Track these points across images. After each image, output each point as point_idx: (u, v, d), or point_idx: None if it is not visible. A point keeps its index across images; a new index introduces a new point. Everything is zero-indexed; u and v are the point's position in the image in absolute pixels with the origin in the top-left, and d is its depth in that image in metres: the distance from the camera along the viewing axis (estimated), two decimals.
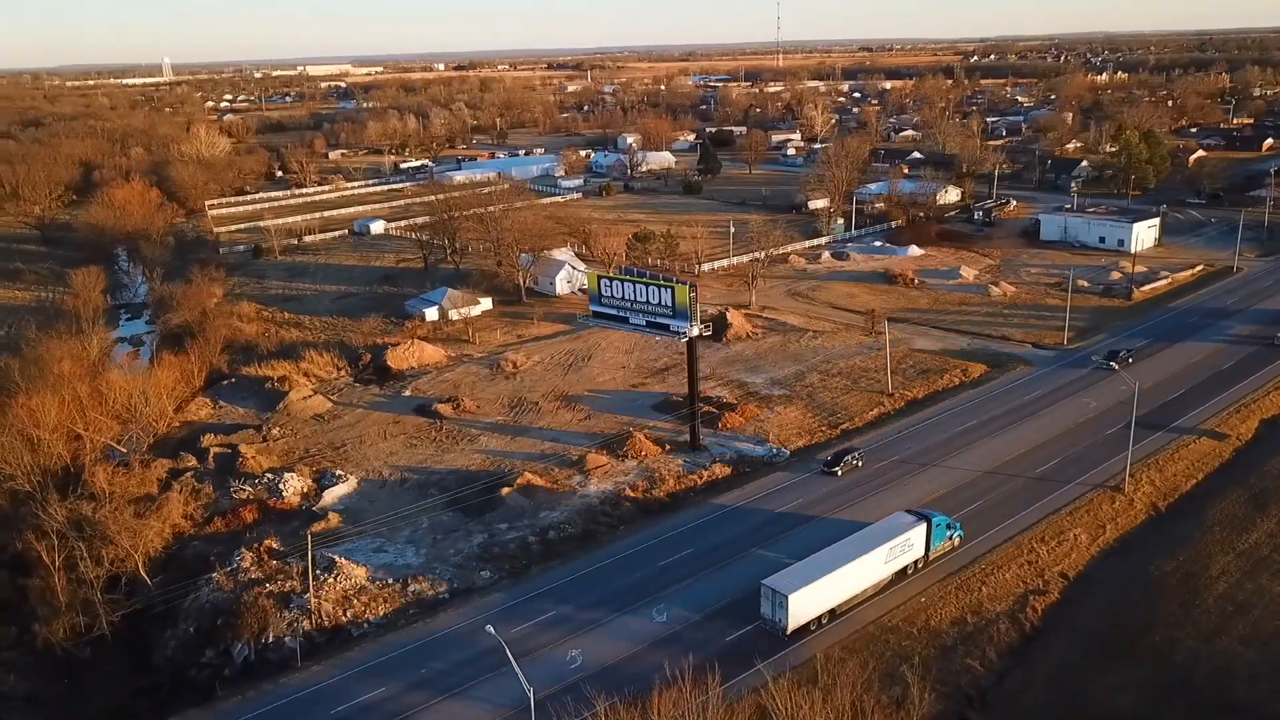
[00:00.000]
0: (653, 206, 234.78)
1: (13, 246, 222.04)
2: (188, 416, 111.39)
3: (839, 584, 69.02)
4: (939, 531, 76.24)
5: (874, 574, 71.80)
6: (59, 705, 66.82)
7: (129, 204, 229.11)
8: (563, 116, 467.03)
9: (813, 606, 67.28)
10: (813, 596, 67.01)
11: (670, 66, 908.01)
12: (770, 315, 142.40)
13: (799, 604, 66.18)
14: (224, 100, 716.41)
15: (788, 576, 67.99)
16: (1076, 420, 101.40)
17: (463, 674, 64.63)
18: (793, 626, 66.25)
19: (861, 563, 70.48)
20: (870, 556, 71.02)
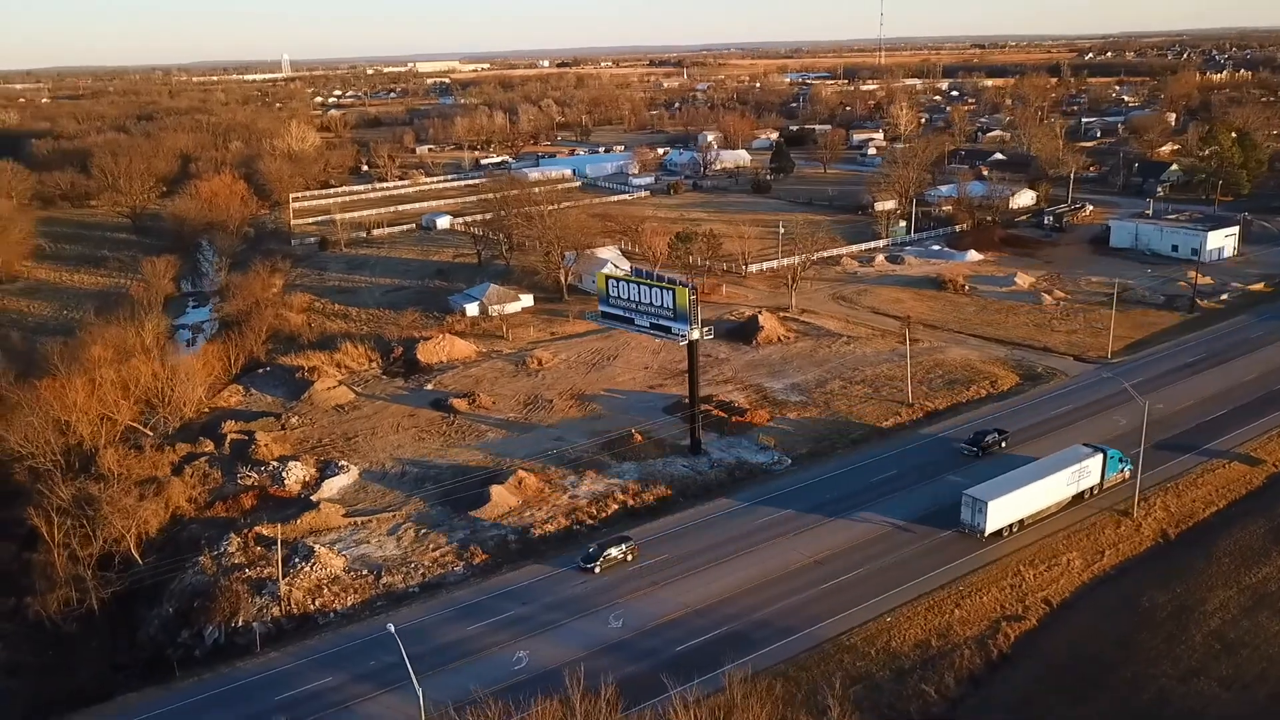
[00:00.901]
0: (717, 205, 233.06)
1: (106, 235, 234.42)
2: (219, 402, 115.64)
3: (1029, 497, 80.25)
4: (1113, 464, 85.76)
5: (1058, 493, 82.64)
6: (40, 675, 70.05)
7: (216, 196, 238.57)
8: (652, 114, 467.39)
9: (1007, 514, 78.89)
10: (1008, 505, 78.65)
11: (769, 64, 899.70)
12: (808, 319, 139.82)
13: (996, 511, 77.77)
14: (332, 96, 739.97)
15: (987, 488, 79.40)
16: (1101, 438, 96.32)
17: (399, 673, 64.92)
18: (990, 530, 77.87)
19: (1048, 481, 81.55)
20: (1055, 477, 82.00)
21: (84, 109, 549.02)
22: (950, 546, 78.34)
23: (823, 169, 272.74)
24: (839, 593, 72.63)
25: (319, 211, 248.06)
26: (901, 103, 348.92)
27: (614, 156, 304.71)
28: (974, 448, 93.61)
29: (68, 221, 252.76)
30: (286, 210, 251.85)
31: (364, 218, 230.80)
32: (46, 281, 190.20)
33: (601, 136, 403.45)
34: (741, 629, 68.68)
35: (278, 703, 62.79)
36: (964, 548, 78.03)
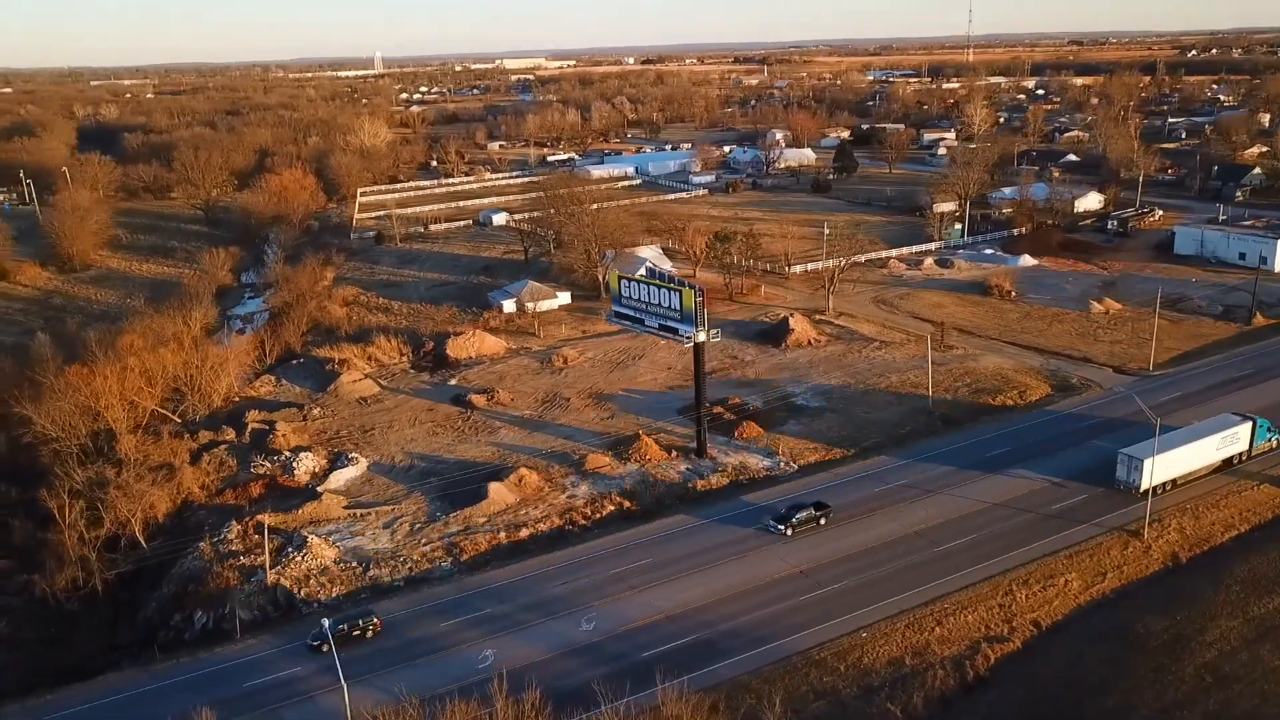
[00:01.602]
0: (773, 205, 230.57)
1: (180, 226, 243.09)
2: (250, 392, 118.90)
3: (1182, 458, 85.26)
4: (1261, 432, 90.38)
5: (1208, 456, 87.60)
6: (39, 650, 72.97)
7: (285, 189, 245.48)
8: (726, 111, 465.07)
9: (1161, 472, 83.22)
10: (1161, 464, 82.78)
11: (854, 61, 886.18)
12: (843, 323, 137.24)
13: (1150, 468, 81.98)
14: (417, 92, 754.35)
15: (1143, 447, 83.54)
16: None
17: (372, 663, 66.16)
18: (1144, 486, 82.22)
19: (1199, 445, 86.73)
20: (1206, 441, 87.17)
21: (179, 104, 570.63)
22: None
23: (888, 169, 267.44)
24: (817, 605, 71.12)
25: (384, 206, 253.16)
26: (976, 102, 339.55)
27: (676, 154, 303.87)
28: (780, 525, 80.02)
29: (147, 213, 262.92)
30: (352, 204, 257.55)
31: (424, 213, 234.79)
32: (116, 270, 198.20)
33: (672, 134, 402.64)
34: (711, 637, 67.73)
35: (244, 689, 64.21)
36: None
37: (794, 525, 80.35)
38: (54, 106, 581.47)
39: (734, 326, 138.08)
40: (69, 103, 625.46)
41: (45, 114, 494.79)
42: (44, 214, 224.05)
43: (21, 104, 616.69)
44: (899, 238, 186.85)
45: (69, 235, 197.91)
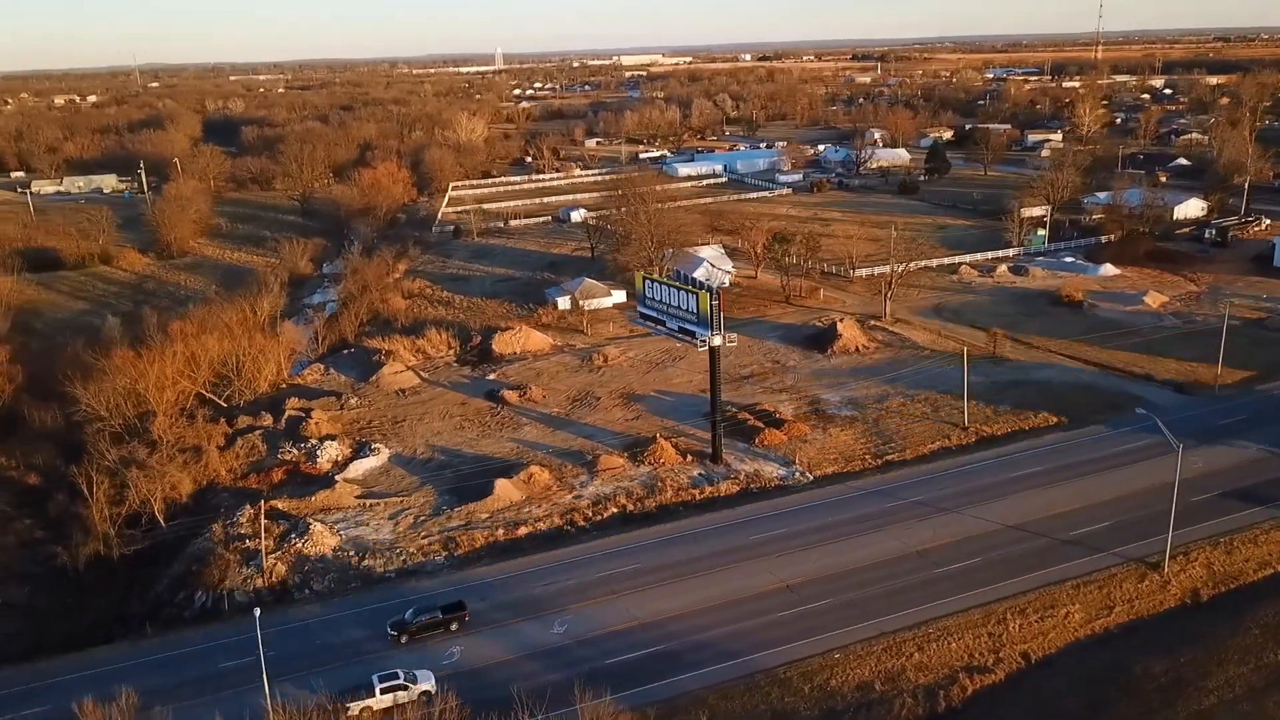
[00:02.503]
0: (854, 205, 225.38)
1: (277, 217, 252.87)
2: (298, 379, 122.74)
3: None
4: None
5: None
6: (50, 618, 76.91)
7: (376, 183, 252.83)
8: (830, 109, 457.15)
9: None
10: None
11: (976, 58, 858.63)
12: (898, 329, 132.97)
13: None
14: (530, 88, 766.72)
15: None
16: (1165, 480, 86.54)
17: (342, 652, 67.33)
18: None
19: None
20: None
21: (302, 99, 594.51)
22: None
23: (983, 170, 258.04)
24: (797, 621, 69.03)
25: (473, 201, 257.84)
26: (1087, 101, 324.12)
27: (765, 153, 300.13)
28: (395, 633, 68.27)
29: (250, 203, 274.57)
30: (440, 199, 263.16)
31: (508, 208, 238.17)
32: (210, 258, 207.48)
33: (771, 132, 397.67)
34: (678, 649, 66.45)
35: (218, 670, 66.15)
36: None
37: (411, 633, 67.87)
38: (190, 101, 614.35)
39: (783, 330, 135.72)
40: (203, 97, 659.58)
41: (179, 108, 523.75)
42: (152, 202, 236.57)
43: (162, 98, 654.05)
44: (978, 243, 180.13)
45: (168, 223, 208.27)
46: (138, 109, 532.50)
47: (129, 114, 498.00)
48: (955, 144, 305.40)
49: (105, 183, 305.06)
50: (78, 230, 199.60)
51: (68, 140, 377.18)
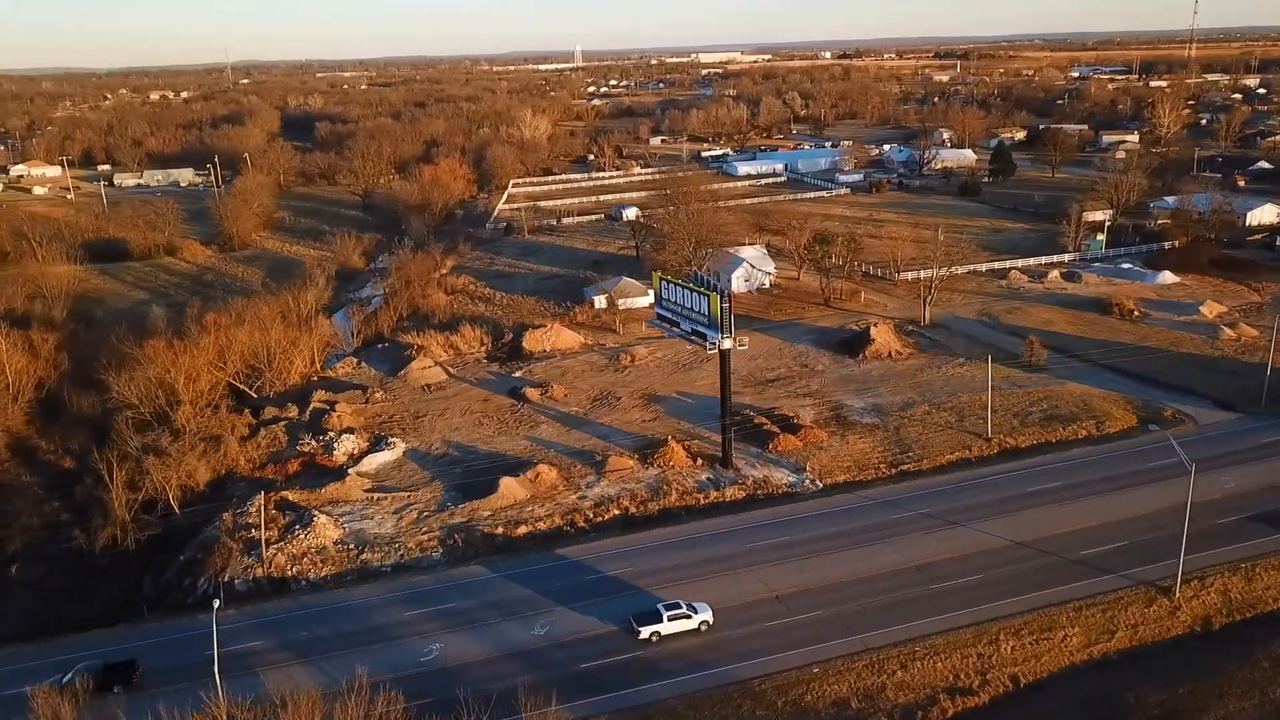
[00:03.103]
0: (912, 206, 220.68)
1: (340, 211, 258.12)
2: (329, 372, 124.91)
3: None
4: None
5: None
6: (62, 598, 79.49)
7: (436, 179, 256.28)
8: (903, 109, 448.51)
9: None
10: None
11: (1062, 56, 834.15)
12: (935, 336, 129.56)
13: None
14: (605, 86, 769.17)
15: None
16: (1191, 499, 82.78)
17: (320, 646, 68.11)
18: None
19: None
20: None
21: (379, 95, 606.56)
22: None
23: (1050, 172, 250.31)
24: (781, 633, 67.65)
25: (532, 198, 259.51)
26: (1167, 101, 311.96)
27: (826, 152, 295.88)
28: None
29: (316, 198, 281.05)
30: (498, 195, 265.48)
31: (562, 206, 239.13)
32: (269, 250, 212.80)
33: (840, 131, 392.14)
34: (656, 656, 65.71)
35: (203, 657, 67.28)
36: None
37: None
38: (273, 97, 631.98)
39: (817, 333, 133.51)
40: (286, 93, 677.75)
41: (261, 104, 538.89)
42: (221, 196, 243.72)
43: (248, 94, 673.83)
44: (1035, 247, 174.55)
45: (231, 216, 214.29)
46: (223, 105, 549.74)
47: (213, 109, 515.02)
48: (1026, 145, 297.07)
49: (182, 176, 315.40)
50: (145, 223, 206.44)
51: (151, 135, 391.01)
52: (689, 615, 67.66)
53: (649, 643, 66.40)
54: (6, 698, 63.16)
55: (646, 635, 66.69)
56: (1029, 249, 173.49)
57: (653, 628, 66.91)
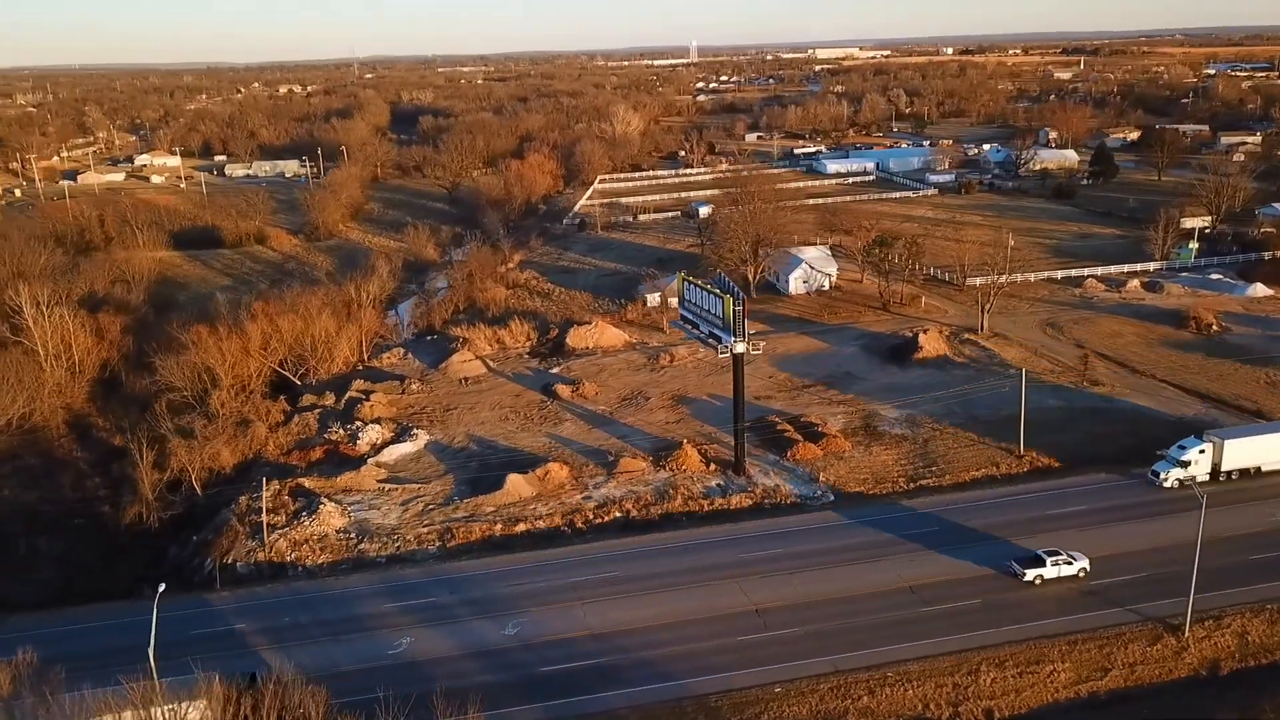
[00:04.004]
0: (998, 209, 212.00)
1: (427, 204, 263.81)
2: (375, 362, 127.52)
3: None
4: None
5: None
6: (81, 571, 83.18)
7: (521, 174, 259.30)
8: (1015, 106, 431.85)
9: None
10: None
11: (1201, 52, 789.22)
12: (990, 345, 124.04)
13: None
14: (714, 81, 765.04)
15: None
16: (1228, 532, 77.00)
17: (298, 633, 69.36)
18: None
19: None
20: None
21: (488, 90, 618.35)
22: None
23: (1156, 175, 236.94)
24: (752, 648, 65.68)
25: (617, 193, 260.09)
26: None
27: (918, 151, 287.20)
28: None
29: (407, 190, 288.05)
30: (582, 190, 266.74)
31: (641, 202, 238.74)
32: (351, 241, 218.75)
33: (943, 129, 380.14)
34: (621, 663, 64.61)
35: (190, 636, 69.57)
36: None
37: None
38: (389, 91, 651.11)
39: (867, 339, 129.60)
40: (401, 88, 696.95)
41: (375, 97, 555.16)
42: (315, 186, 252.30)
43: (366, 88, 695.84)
44: (1122, 254, 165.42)
45: (318, 207, 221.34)
46: (339, 99, 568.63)
47: (330, 103, 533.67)
48: (1137, 145, 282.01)
49: (288, 167, 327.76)
50: (237, 212, 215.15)
51: (266, 127, 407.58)
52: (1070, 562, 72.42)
53: None
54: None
55: (1030, 578, 72.01)
56: (1114, 256, 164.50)
57: (1036, 571, 71.87)
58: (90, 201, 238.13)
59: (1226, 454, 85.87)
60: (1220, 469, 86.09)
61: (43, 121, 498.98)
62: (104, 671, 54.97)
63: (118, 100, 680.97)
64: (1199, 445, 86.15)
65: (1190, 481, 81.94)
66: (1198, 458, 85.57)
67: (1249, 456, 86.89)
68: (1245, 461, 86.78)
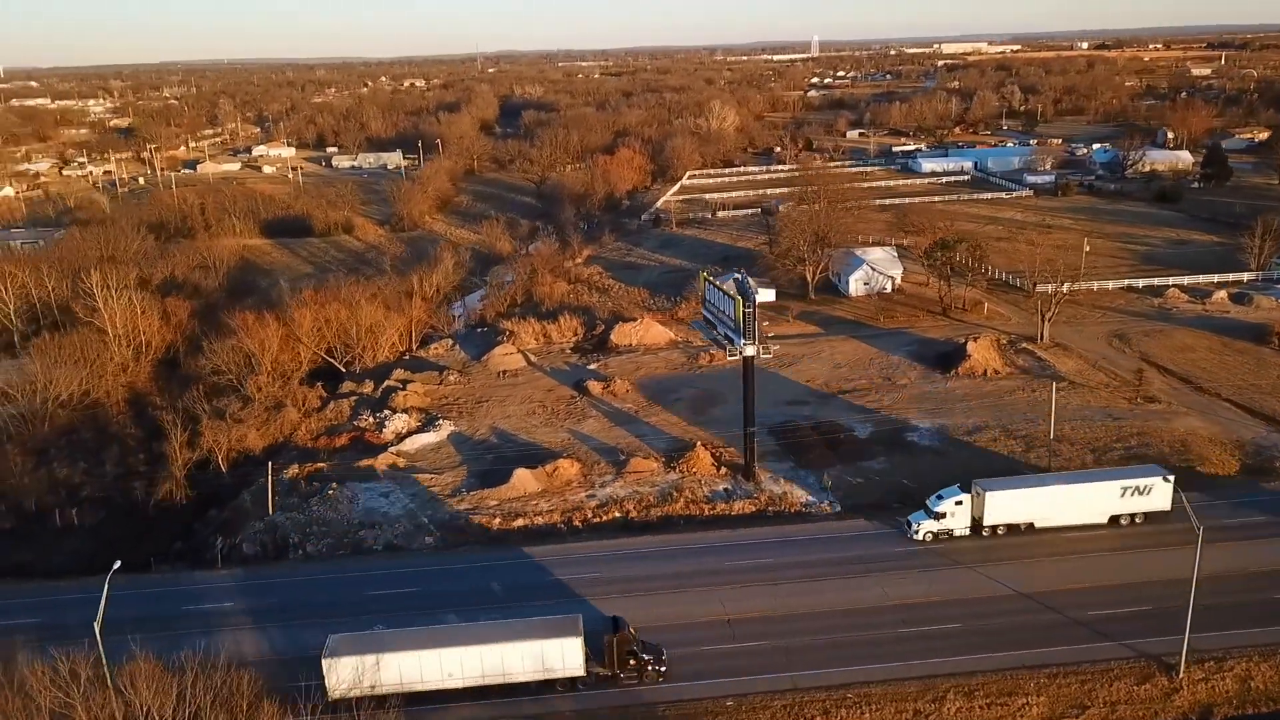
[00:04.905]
0: (1093, 212, 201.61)
1: (515, 198, 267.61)
2: (421, 352, 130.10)
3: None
4: None
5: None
6: (108, 543, 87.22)
7: (606, 169, 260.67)
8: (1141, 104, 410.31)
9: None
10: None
11: None
12: (1047, 355, 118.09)
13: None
14: (829, 76, 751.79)
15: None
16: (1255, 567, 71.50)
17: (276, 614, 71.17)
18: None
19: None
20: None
21: (597, 85, 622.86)
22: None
23: (1276, 179, 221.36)
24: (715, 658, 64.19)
25: (704, 189, 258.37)
26: None
27: (1019, 150, 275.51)
28: None
29: (499, 183, 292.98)
30: (668, 186, 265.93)
31: (723, 199, 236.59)
32: (434, 232, 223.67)
33: (1057, 128, 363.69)
34: None
35: (181, 611, 72.34)
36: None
37: None
38: (504, 85, 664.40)
39: (918, 344, 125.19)
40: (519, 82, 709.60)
41: (487, 92, 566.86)
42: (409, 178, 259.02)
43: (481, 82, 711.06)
44: (1214, 263, 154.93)
45: (403, 199, 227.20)
46: (453, 93, 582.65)
47: (443, 97, 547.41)
48: (1264, 147, 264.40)
49: (390, 159, 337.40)
50: (327, 202, 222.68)
51: (376, 120, 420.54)
52: None
53: None
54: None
55: None
56: (1207, 265, 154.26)
57: None
58: (198, 190, 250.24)
59: (989, 507, 76.50)
60: (982, 523, 77.04)
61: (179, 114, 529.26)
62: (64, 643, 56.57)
63: (251, 93, 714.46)
64: (957, 495, 77.01)
65: (946, 535, 75.81)
66: (954, 509, 76.61)
67: (1017, 511, 77.34)
68: (1013, 516, 77.28)
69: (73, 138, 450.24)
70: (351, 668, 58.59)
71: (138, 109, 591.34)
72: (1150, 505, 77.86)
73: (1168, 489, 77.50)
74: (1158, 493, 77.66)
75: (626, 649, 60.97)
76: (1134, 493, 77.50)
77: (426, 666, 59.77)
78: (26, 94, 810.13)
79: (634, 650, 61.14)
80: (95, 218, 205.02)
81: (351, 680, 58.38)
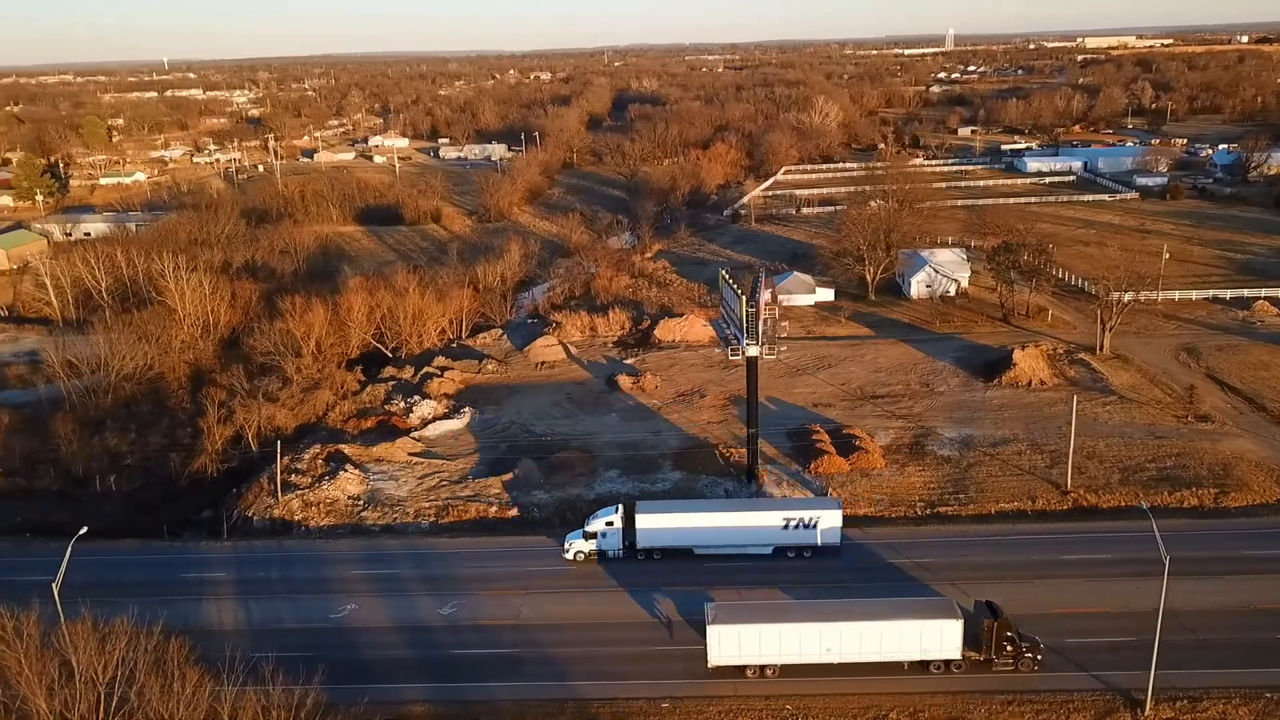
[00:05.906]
0: (1198, 218, 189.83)
1: (604, 191, 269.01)
2: (470, 341, 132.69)
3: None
4: None
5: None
6: (140, 510, 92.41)
7: (697, 164, 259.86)
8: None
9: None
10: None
11: None
12: (1102, 368, 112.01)
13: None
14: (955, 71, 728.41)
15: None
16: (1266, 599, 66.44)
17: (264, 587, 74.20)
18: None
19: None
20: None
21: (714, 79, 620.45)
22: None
23: None
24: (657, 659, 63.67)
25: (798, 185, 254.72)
26: None
27: (1131, 149, 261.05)
28: None
29: (593, 176, 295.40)
30: (758, 181, 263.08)
31: (813, 195, 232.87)
32: (517, 224, 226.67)
33: (1186, 127, 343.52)
34: (528, 656, 64.60)
35: (180, 579, 76.15)
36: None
37: None
38: (623, 79, 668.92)
39: (968, 351, 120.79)
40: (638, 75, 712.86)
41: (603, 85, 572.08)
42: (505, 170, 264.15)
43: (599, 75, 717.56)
44: None
45: (490, 190, 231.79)
46: (570, 87, 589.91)
47: (557, 90, 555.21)
48: None
49: (495, 151, 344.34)
50: (418, 192, 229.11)
51: (488, 111, 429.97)
52: None
53: None
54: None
55: None
56: None
57: None
58: (305, 178, 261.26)
59: (638, 529, 73.23)
60: (636, 545, 73.72)
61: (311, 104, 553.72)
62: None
63: (383, 85, 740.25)
64: (610, 515, 74.09)
65: (593, 556, 73.23)
66: (605, 529, 73.51)
67: (670, 536, 73.61)
68: (664, 540, 73.60)
69: (210, 127, 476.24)
70: (734, 636, 60.09)
71: (275, 100, 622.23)
72: (816, 539, 73.95)
73: (835, 521, 73.67)
74: (825, 525, 73.64)
75: (1005, 635, 60.20)
76: (799, 525, 73.67)
77: (806, 640, 60.22)
78: (183, 85, 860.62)
79: (1012, 637, 60.43)
80: (204, 202, 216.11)
81: (734, 650, 60.13)
